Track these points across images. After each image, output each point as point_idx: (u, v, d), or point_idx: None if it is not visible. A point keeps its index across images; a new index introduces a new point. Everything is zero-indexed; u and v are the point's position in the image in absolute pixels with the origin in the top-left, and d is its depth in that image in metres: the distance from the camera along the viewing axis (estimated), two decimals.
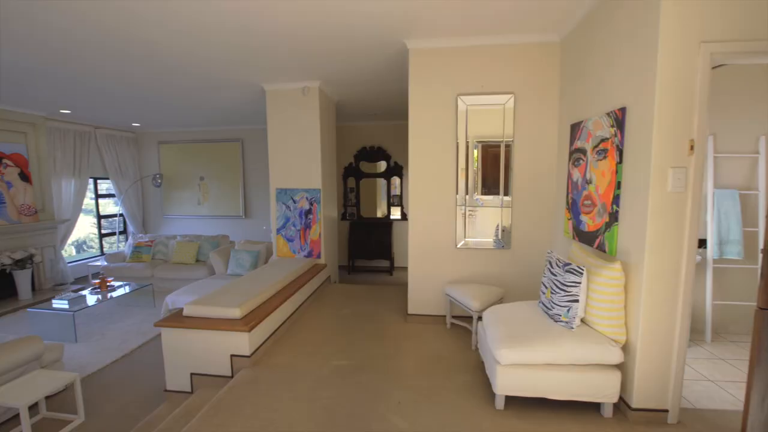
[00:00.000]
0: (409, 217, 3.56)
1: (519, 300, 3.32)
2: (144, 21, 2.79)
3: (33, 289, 5.63)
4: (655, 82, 1.94)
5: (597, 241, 2.51)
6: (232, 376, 2.67)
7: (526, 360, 2.13)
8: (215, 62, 3.67)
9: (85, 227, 7.39)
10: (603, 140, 2.45)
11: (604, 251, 2.41)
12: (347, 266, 7.04)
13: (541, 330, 2.26)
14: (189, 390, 2.74)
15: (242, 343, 2.65)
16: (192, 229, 7.79)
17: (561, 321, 2.30)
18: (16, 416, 2.76)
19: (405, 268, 7.34)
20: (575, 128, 2.88)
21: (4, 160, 5.33)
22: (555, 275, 2.41)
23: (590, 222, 2.62)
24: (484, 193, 3.46)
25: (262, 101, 4.91)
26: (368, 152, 7.16)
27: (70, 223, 6.42)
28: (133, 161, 7.76)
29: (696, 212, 1.98)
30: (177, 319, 2.77)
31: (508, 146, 3.34)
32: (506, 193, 3.40)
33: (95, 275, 6.17)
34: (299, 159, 4.62)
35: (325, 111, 4.77)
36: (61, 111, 5.73)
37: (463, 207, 3.44)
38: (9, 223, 5.32)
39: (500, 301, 3.19)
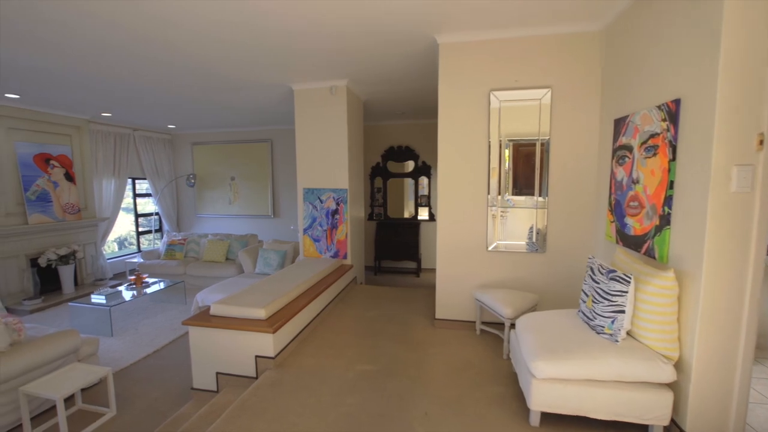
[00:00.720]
0: (438, 218, 3.43)
1: (555, 308, 3.13)
2: (171, 24, 2.82)
3: (76, 283, 5.91)
4: (717, 69, 1.73)
5: (645, 246, 2.30)
6: (256, 377, 2.65)
7: (564, 374, 1.97)
8: (244, 64, 3.70)
9: (126, 225, 7.73)
10: (653, 136, 2.24)
11: (654, 257, 2.20)
12: (373, 267, 6.97)
13: (581, 342, 2.09)
14: (215, 389, 2.74)
15: (267, 344, 2.62)
16: (223, 228, 7.98)
17: (604, 333, 2.11)
18: (54, 407, 2.86)
19: (432, 270, 7.25)
20: (619, 123, 2.66)
21: (52, 162, 5.63)
22: (598, 283, 2.22)
23: (637, 225, 2.41)
24: (515, 194, 3.28)
25: (290, 101, 4.92)
26: (396, 152, 7.07)
27: (110, 221, 6.71)
28: (168, 162, 8.04)
29: (765, 215, 1.76)
30: (204, 317, 2.79)
31: (543, 144, 3.15)
32: (540, 194, 3.21)
33: (132, 272, 6.42)
34: (326, 159, 4.60)
35: (353, 110, 4.72)
36: (103, 114, 6.00)
37: (495, 208, 3.28)
38: (55, 221, 5.61)
39: (534, 308, 3.01)
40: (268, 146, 7.59)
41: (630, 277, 2.01)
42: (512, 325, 2.84)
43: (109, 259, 6.83)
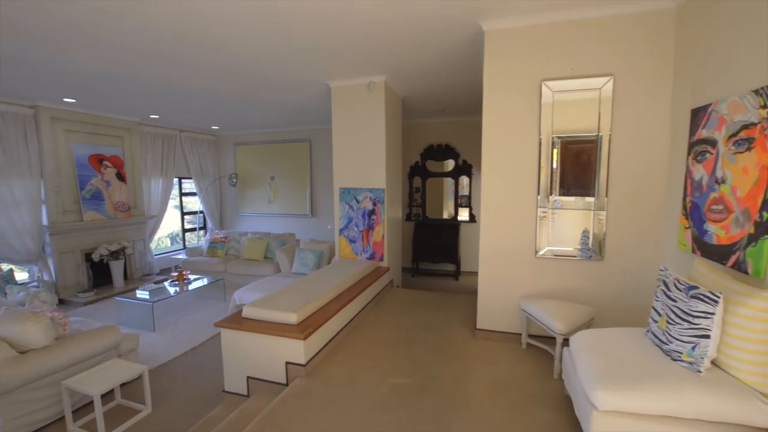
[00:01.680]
0: (481, 219, 3.18)
1: (614, 324, 2.78)
2: (211, 26, 2.79)
3: (125, 278, 6.20)
4: None
5: (732, 258, 1.94)
6: (286, 384, 2.54)
7: (632, 407, 1.67)
8: (281, 63, 3.64)
9: (177, 222, 8.06)
10: (746, 126, 1.87)
11: (746, 272, 1.84)
12: (411, 269, 6.77)
13: (653, 369, 1.78)
14: (245, 393, 2.67)
15: (297, 350, 2.51)
16: (263, 227, 8.10)
17: (682, 360, 1.78)
18: (93, 402, 2.92)
19: (472, 273, 6.93)
20: (698, 114, 2.29)
21: (105, 162, 5.94)
22: (674, 300, 1.89)
23: (721, 233, 2.04)
24: (562, 194, 2.95)
25: (328, 100, 4.82)
26: (435, 150, 6.82)
27: (157, 219, 7.01)
28: (212, 162, 8.29)
29: None
30: (236, 320, 2.73)
31: (601, 138, 2.80)
32: (595, 194, 2.86)
33: (176, 268, 6.63)
34: (363, 157, 4.46)
35: (391, 107, 4.55)
36: (151, 116, 6.25)
37: (545, 210, 2.97)
38: (107, 218, 5.91)
39: (590, 323, 2.68)
40: (307, 146, 7.61)
41: (719, 297, 1.67)
42: (564, 341, 2.53)
43: (156, 255, 7.13)
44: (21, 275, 5.43)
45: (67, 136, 5.49)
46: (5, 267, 4.88)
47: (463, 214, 6.82)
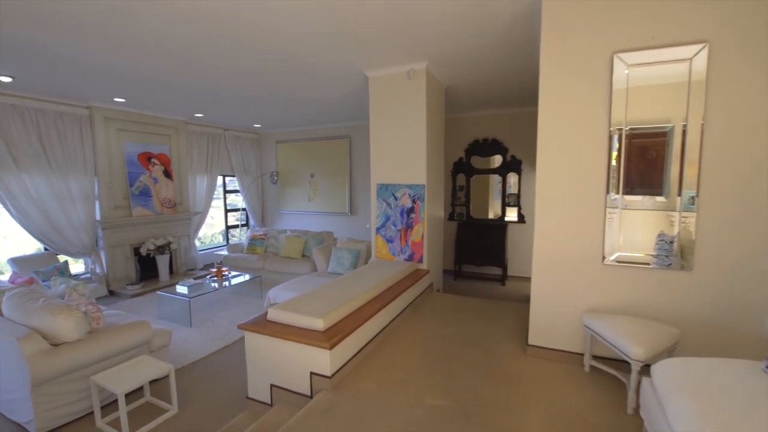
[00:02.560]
0: (536, 220, 2.76)
1: (708, 350, 2.26)
2: (245, 16, 2.62)
3: (171, 272, 6.37)
4: None
5: None
6: (311, 397, 2.30)
7: None
8: (318, 51, 3.42)
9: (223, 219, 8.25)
10: None
11: None
12: (453, 271, 6.37)
13: None
14: (268, 401, 2.47)
15: (323, 361, 2.26)
16: (303, 225, 8.06)
17: None
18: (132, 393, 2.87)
19: (521, 278, 6.39)
20: None
21: (153, 159, 6.13)
22: None
23: None
24: (627, 192, 2.46)
25: (366, 93, 4.55)
26: (481, 146, 6.36)
27: (202, 216, 7.16)
28: (255, 160, 8.39)
29: None
30: (260, 322, 2.54)
31: (689, 123, 2.29)
32: (679, 192, 2.35)
33: (219, 264, 6.73)
34: (402, 151, 4.15)
35: (433, 97, 4.20)
36: (196, 115, 6.37)
37: (616, 210, 2.50)
38: (154, 214, 6.09)
39: (674, 348, 2.19)
40: (346, 143, 7.45)
41: None
42: (642, 368, 2.07)
43: (200, 251, 7.30)
44: (76, 268, 5.73)
45: (119, 135, 5.70)
46: (61, 259, 5.13)
47: (511, 214, 6.30)
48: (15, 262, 4.68)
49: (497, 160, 6.30)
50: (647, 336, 2.08)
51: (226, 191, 8.11)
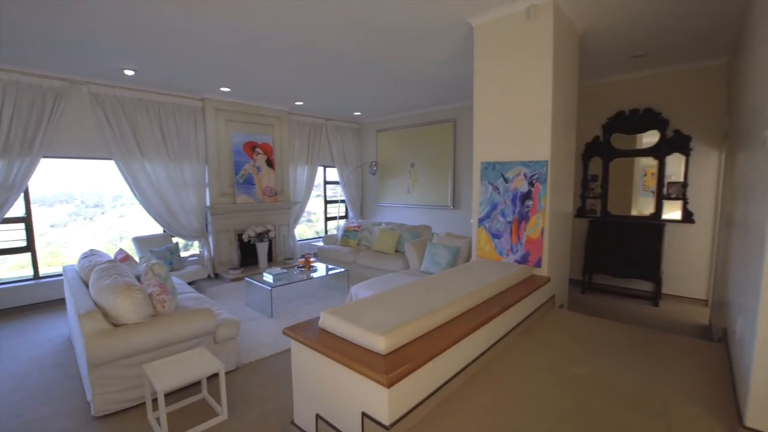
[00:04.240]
0: None
1: None
2: None
3: (270, 260, 6.43)
4: None
5: None
6: None
7: None
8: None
9: (330, 209, 8.22)
10: None
11: None
12: (580, 281, 4.99)
13: None
14: None
15: (379, 401, 1.52)
16: (401, 218, 7.48)
17: None
18: (184, 388, 2.61)
19: (683, 299, 4.64)
20: None
21: (257, 149, 6.23)
22: None
23: None
24: None
25: (471, 61, 3.65)
26: (627, 119, 4.83)
27: (301, 205, 7.14)
28: (355, 150, 8.13)
29: None
30: (309, 329, 1.93)
31: None
32: None
33: (308, 254, 6.57)
34: (517, 119, 3.16)
35: (562, 45, 3.10)
36: (296, 103, 6.29)
37: None
38: (256, 202, 6.19)
39: None
40: (450, 127, 6.59)
41: None
42: None
43: (298, 241, 7.30)
44: (194, 250, 6.13)
45: (227, 125, 5.91)
46: (175, 240, 5.47)
47: (672, 211, 4.64)
48: (137, 241, 5.10)
49: (651, 138, 4.70)
50: None
51: (326, 182, 8.02)
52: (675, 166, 4.60)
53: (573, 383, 1.99)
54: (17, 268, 4.87)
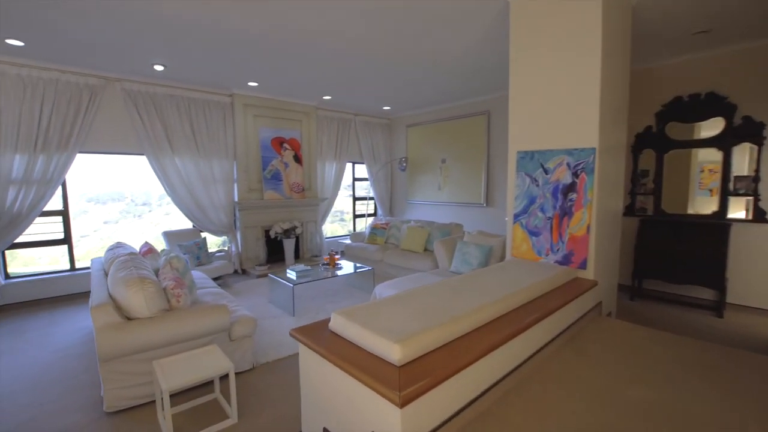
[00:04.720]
0: None
1: None
2: None
3: (297, 256, 6.36)
4: None
5: None
6: None
7: None
8: None
9: (359, 206, 8.09)
10: None
11: None
12: (630, 287, 4.51)
13: None
14: None
15: (391, 421, 1.29)
16: (432, 217, 7.19)
17: None
18: (196, 387, 2.52)
19: (752, 309, 4.03)
20: None
21: (284, 144, 6.18)
22: None
23: None
24: None
25: (506, 45, 3.33)
26: (685, 106, 4.31)
27: (329, 202, 7.02)
28: (384, 146, 7.93)
29: None
30: (318, 331, 1.73)
31: None
32: None
33: (333, 251, 6.43)
34: (560, 102, 2.82)
35: (612, 18, 2.73)
36: (324, 97, 6.17)
37: None
38: (283, 198, 6.14)
39: None
40: (484, 119, 6.23)
41: None
42: None
43: (327, 238, 7.19)
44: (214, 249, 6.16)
45: (255, 120, 5.88)
46: (203, 235, 5.50)
47: (738, 209, 4.08)
48: (166, 235, 5.16)
49: (715, 126, 4.15)
50: None
51: (354, 179, 7.87)
52: (743, 157, 4.04)
53: (628, 406, 1.66)
54: (54, 262, 5.04)
